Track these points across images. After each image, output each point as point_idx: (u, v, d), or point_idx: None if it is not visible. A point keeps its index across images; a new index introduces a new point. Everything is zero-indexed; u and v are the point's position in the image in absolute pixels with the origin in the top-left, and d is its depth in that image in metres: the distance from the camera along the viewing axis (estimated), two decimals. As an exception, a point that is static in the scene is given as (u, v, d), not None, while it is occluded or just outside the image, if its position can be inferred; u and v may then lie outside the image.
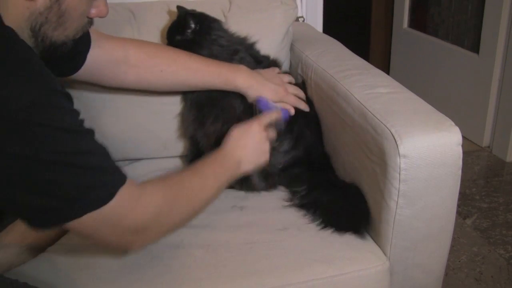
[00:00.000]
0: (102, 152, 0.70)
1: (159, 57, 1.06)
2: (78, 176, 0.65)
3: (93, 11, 0.77)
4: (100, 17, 0.79)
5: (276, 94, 1.09)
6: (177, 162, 1.26)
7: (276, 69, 1.20)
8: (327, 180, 1.08)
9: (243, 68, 1.10)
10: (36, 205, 0.64)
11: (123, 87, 1.09)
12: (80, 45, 0.95)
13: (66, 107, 0.66)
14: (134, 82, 1.07)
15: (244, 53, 1.18)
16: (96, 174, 0.68)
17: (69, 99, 0.68)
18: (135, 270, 0.85)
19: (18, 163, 0.60)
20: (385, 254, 0.91)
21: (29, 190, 0.63)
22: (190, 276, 0.84)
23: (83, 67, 0.97)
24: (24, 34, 0.69)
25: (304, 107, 1.14)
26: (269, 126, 1.01)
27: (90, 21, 0.79)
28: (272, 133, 1.02)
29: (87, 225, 0.67)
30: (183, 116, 1.22)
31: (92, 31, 0.97)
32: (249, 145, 0.96)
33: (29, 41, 0.70)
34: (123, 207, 0.70)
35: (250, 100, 1.10)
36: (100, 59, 1.00)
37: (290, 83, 1.18)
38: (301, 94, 1.16)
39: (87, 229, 0.68)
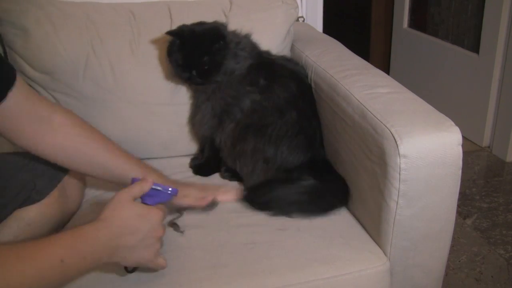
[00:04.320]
0: None
1: (83, 129, 0.96)
2: None
3: None
4: None
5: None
6: (177, 162, 1.26)
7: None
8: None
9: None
10: None
11: (35, 149, 0.92)
12: None
13: None
14: (50, 146, 0.92)
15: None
16: None
17: None
18: (135, 270, 0.85)
19: None
20: (385, 254, 0.91)
21: None
22: (190, 276, 0.84)
23: (1, 106, 0.83)
24: None
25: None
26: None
27: None
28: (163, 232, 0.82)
29: None
30: (197, 116, 1.21)
31: (23, 83, 0.88)
32: (141, 233, 0.77)
33: None
34: None
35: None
36: (23, 108, 0.87)
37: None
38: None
39: None
